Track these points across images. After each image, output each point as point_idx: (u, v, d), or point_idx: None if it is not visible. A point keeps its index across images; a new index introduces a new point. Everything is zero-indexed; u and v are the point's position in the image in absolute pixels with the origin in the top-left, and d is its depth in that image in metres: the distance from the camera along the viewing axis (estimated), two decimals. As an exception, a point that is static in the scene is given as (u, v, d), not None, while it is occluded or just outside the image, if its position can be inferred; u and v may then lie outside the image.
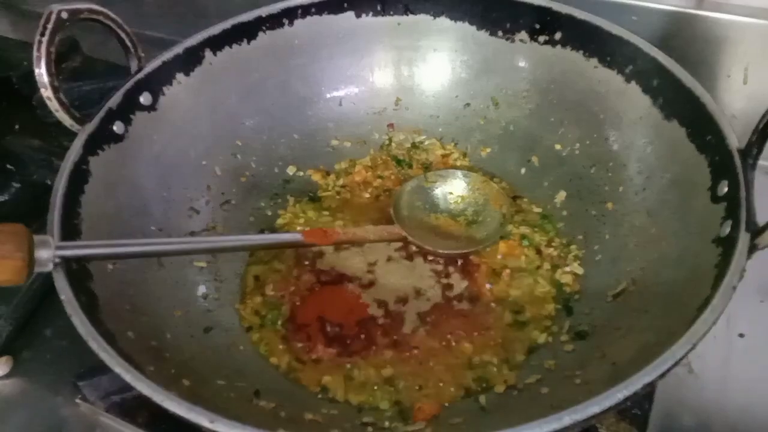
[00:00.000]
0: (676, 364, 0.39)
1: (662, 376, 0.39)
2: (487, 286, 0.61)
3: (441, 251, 0.63)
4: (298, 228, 0.68)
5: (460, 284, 0.62)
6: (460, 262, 0.63)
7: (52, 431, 0.56)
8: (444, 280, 0.62)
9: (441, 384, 0.54)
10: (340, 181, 0.73)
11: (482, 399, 0.52)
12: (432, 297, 0.61)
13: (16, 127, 0.82)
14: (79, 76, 0.84)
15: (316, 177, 0.74)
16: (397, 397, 0.54)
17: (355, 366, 0.57)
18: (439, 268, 0.63)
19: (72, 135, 0.57)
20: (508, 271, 0.62)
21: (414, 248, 0.64)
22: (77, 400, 0.57)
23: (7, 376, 0.60)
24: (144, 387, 0.40)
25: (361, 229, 0.64)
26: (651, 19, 0.72)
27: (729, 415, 0.54)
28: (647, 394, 0.52)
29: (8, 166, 0.76)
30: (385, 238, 0.64)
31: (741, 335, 0.59)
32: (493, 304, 0.60)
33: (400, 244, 0.65)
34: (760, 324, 0.60)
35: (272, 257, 0.65)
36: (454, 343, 0.57)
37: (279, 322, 0.60)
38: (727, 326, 0.59)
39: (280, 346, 0.59)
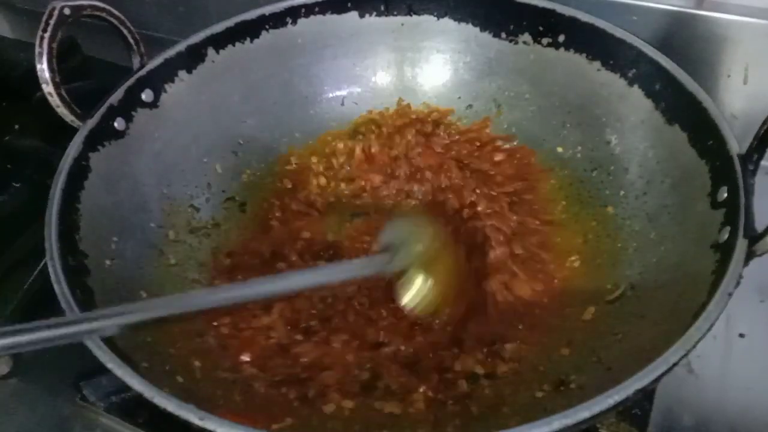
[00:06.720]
0: (668, 370, 0.39)
1: (654, 382, 0.38)
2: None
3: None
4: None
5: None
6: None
7: (52, 431, 0.56)
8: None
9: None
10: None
11: (474, 405, 0.51)
12: None
13: (16, 127, 0.82)
14: (78, 76, 0.83)
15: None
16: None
17: None
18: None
19: (72, 135, 0.57)
20: None
21: None
22: (77, 400, 0.57)
23: (7, 376, 0.60)
24: (135, 383, 0.40)
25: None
26: (651, 19, 0.71)
27: (729, 415, 0.54)
28: (648, 394, 0.52)
29: (8, 166, 0.76)
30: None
31: (741, 335, 0.58)
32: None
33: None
34: (760, 324, 0.59)
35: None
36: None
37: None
38: (727, 326, 0.59)
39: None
